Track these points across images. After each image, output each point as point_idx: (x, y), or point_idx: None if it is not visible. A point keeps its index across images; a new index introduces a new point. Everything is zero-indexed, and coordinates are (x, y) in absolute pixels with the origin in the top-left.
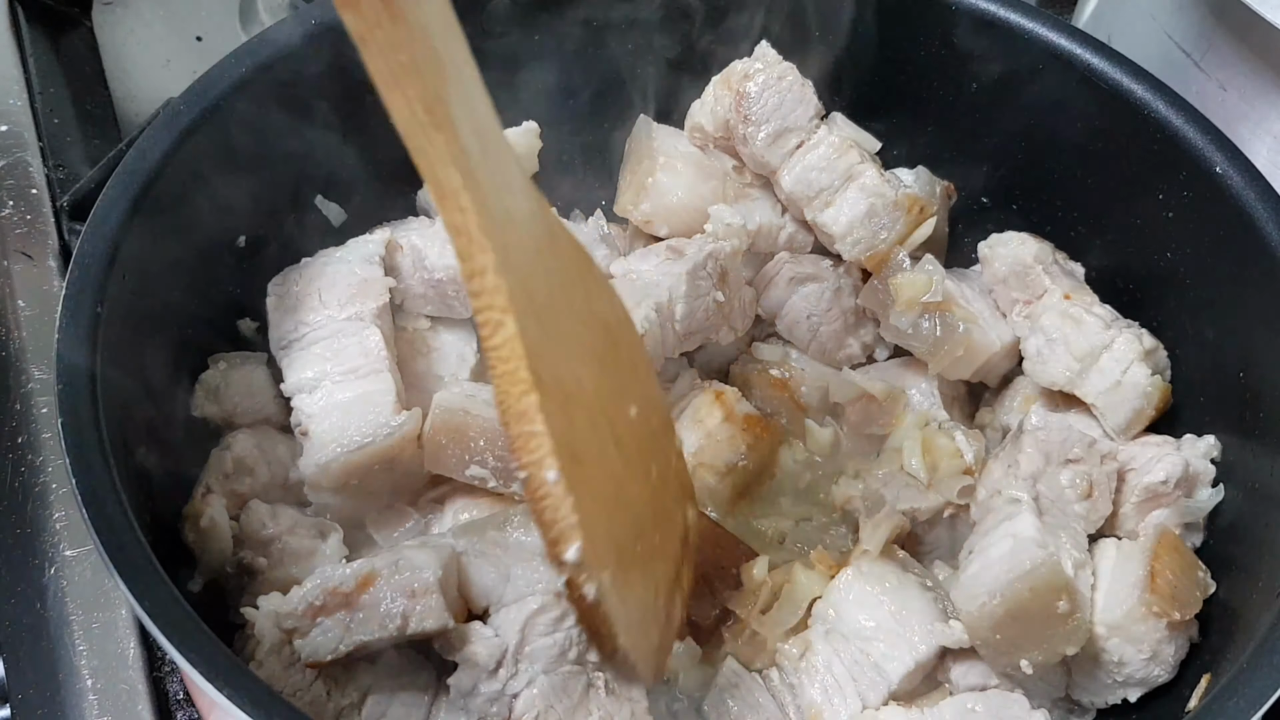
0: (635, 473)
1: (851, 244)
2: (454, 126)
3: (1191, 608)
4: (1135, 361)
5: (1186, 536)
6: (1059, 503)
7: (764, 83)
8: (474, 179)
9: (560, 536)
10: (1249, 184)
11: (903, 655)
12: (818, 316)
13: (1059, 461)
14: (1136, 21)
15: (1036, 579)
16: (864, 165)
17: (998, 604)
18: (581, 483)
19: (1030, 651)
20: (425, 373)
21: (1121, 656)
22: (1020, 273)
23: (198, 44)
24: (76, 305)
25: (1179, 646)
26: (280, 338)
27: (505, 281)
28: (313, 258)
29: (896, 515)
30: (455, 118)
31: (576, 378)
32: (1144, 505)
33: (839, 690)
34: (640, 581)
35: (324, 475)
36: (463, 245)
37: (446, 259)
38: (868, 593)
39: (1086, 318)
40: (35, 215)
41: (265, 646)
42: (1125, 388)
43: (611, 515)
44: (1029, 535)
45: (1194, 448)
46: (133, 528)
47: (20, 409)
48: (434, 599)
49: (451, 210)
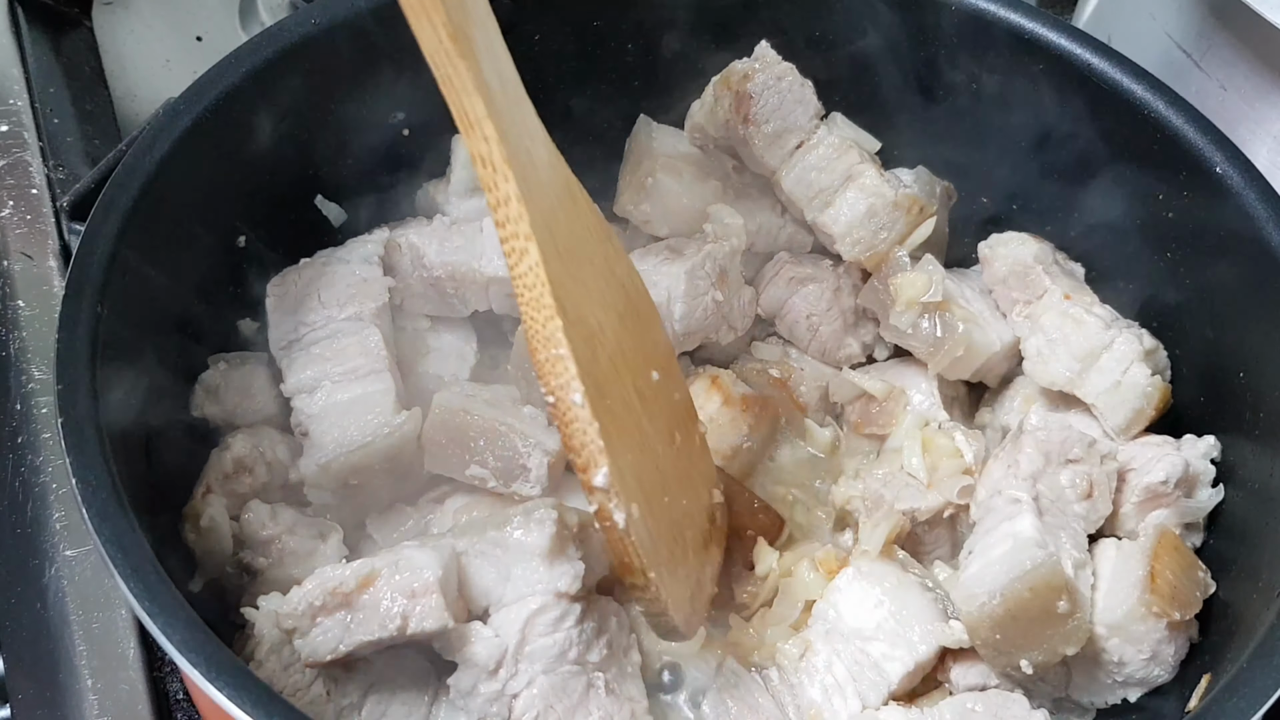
0: (659, 431)
1: (851, 244)
2: (477, 59)
3: (1192, 608)
4: (1135, 361)
5: (1186, 537)
6: (1059, 503)
7: (764, 83)
8: (496, 111)
9: (589, 461)
10: (1249, 184)
11: (903, 655)
12: (817, 316)
13: (1059, 461)
14: (1136, 21)
15: (1036, 579)
16: (863, 165)
17: (997, 604)
18: (606, 414)
19: (1030, 651)
20: (425, 373)
21: (1121, 656)
22: (1020, 273)
23: (198, 44)
24: (76, 305)
25: (1179, 646)
26: (279, 338)
27: (527, 210)
28: (311, 258)
29: (896, 515)
30: (478, 52)
31: (598, 321)
32: (1144, 505)
33: (839, 690)
34: (669, 534)
35: (324, 475)
36: (487, 176)
37: (445, 257)
38: (868, 592)
39: (1087, 318)
40: (35, 215)
41: (265, 646)
42: (1125, 388)
43: (637, 459)
44: (1029, 535)
45: (1194, 448)
46: (133, 528)
47: (20, 409)
48: (434, 599)
49: (476, 140)
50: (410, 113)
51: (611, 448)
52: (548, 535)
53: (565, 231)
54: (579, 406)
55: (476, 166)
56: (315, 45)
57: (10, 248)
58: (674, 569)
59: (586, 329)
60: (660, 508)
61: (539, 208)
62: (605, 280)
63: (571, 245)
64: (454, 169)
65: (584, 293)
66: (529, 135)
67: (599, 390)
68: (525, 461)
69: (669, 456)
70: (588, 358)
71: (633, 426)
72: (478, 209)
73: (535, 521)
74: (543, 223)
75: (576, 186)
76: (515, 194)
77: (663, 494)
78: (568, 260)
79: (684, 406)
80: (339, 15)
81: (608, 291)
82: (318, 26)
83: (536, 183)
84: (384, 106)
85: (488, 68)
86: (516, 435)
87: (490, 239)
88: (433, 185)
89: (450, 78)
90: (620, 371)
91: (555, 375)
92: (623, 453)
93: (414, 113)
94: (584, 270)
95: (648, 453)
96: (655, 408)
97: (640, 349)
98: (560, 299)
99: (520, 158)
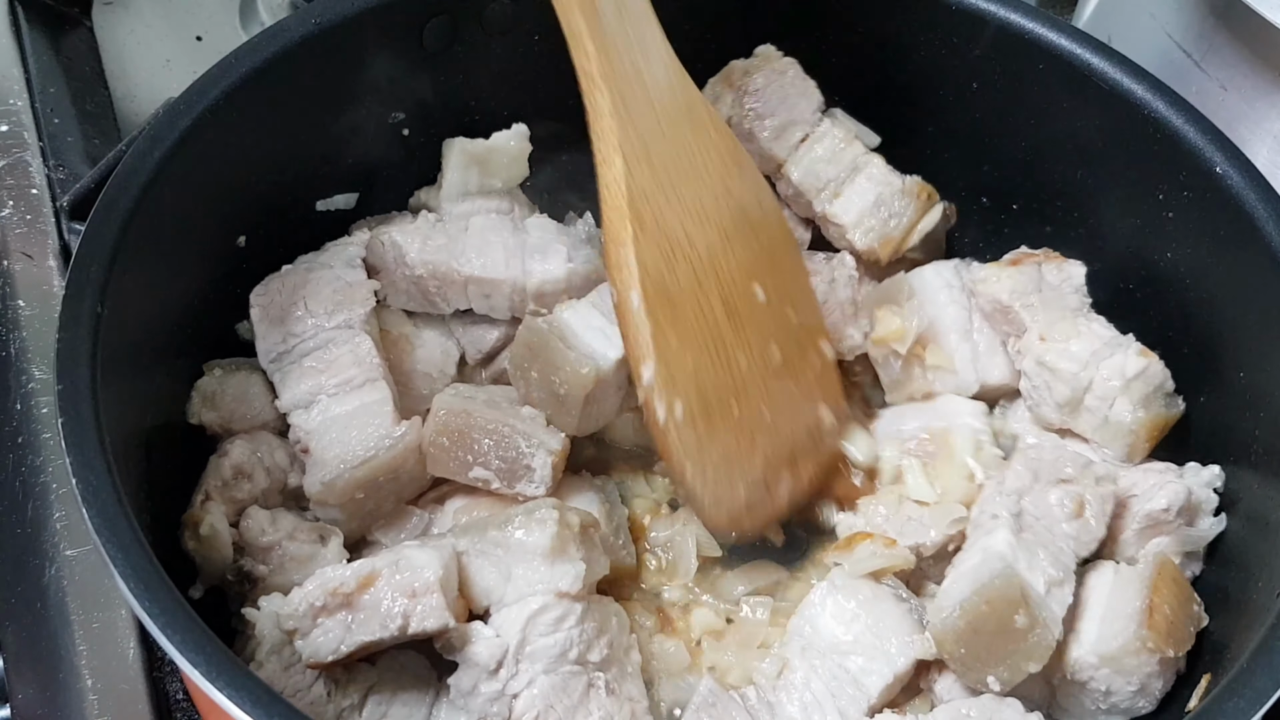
0: (747, 344)
1: (864, 233)
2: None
3: (1185, 644)
4: (1118, 397)
5: (1186, 565)
6: (1045, 520)
7: (768, 76)
8: (603, 29)
9: (638, 356)
10: (1249, 184)
11: (881, 668)
12: None
13: (1049, 480)
14: (1136, 21)
15: (993, 592)
16: (869, 155)
17: (958, 617)
18: (669, 320)
19: (995, 667)
20: (411, 371)
21: (1110, 687)
22: (1002, 310)
23: (198, 44)
24: (76, 305)
25: (1166, 681)
26: (268, 350)
27: (618, 125)
28: (294, 264)
29: (903, 554)
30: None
31: (687, 234)
32: (1145, 532)
33: (818, 707)
34: (728, 437)
35: (330, 493)
36: (586, 86)
37: (426, 255)
38: (843, 606)
39: (1061, 364)
40: (35, 215)
41: (265, 648)
42: (1113, 424)
43: (703, 363)
44: (997, 550)
45: (1198, 476)
46: (134, 527)
47: (20, 409)
48: (435, 598)
49: (579, 54)
50: (410, 113)
51: (664, 349)
52: (549, 535)
53: (670, 149)
54: (635, 309)
55: (579, 76)
56: (315, 45)
57: (10, 248)
58: (729, 470)
59: (667, 239)
60: (723, 412)
61: (638, 123)
62: (716, 198)
63: (674, 161)
64: (445, 172)
65: (677, 206)
66: (643, 55)
67: (665, 296)
68: (529, 462)
69: (754, 368)
70: (660, 265)
71: (705, 334)
72: (468, 213)
73: (536, 521)
74: (638, 137)
75: (703, 110)
76: (609, 109)
77: (732, 400)
78: (663, 174)
79: (802, 328)
80: (339, 15)
81: (715, 208)
82: (318, 26)
83: (642, 100)
84: (384, 107)
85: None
86: (520, 436)
87: (472, 238)
88: (425, 191)
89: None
90: (705, 282)
91: (620, 275)
92: (681, 355)
93: (413, 113)
94: (686, 186)
95: (721, 361)
96: (747, 321)
97: (745, 266)
98: (637, 208)
99: (623, 74)
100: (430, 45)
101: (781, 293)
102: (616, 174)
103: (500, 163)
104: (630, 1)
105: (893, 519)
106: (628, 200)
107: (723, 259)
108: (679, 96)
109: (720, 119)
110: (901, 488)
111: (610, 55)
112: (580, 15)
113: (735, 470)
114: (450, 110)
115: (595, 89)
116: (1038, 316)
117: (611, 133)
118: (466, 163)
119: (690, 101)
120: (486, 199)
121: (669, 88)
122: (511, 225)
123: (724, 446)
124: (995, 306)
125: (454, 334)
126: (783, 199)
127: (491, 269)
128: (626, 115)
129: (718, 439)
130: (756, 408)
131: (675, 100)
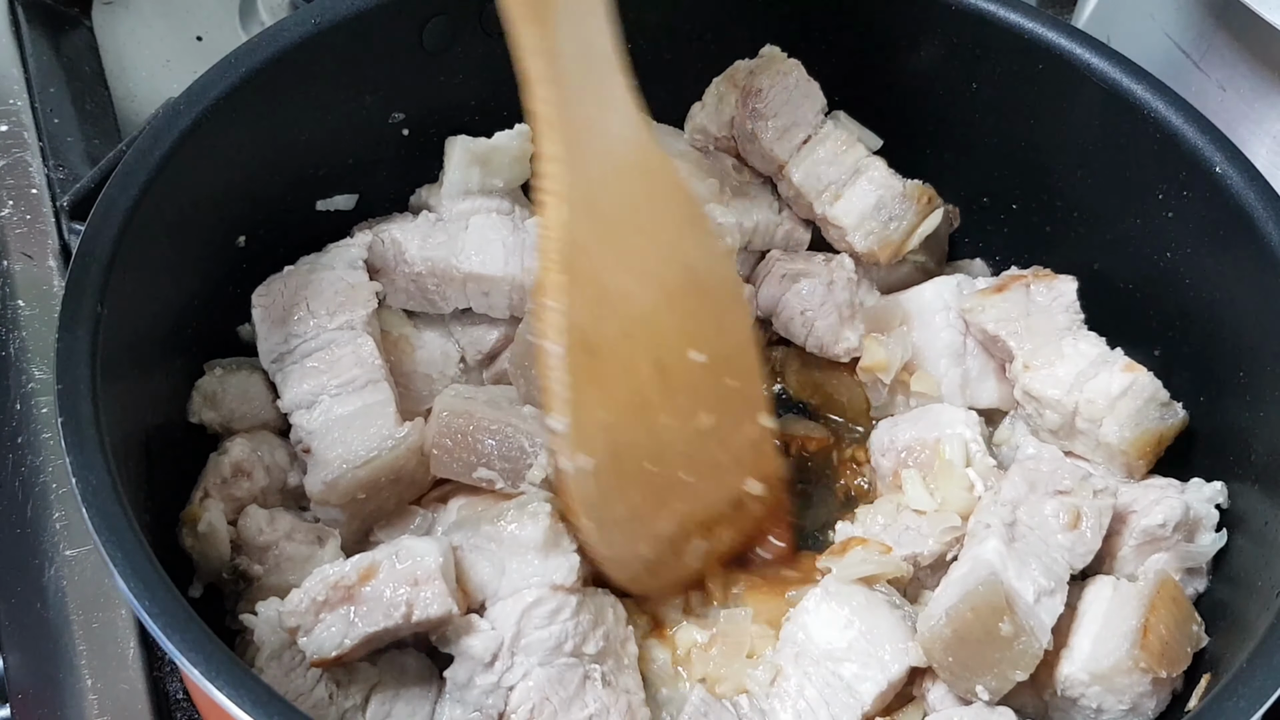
0: (675, 407)
1: (864, 235)
2: (553, 27)
3: (1180, 664)
4: (1105, 418)
5: (1188, 582)
6: (1040, 531)
7: (772, 77)
8: (559, 77)
9: (550, 406)
10: (1249, 184)
11: (875, 675)
12: (812, 311)
13: (1046, 491)
14: (1136, 21)
15: (978, 600)
16: (871, 158)
17: (944, 625)
18: (589, 374)
19: (983, 675)
20: (411, 372)
21: (1101, 704)
22: (991, 338)
23: (198, 44)
24: (76, 305)
25: (1160, 700)
26: (270, 350)
27: (563, 171)
28: (295, 265)
29: (896, 561)
30: (558, 21)
31: (625, 291)
32: (1143, 548)
33: (811, 714)
34: (637, 496)
35: (332, 492)
36: (536, 128)
37: (426, 253)
38: (836, 613)
39: (1048, 391)
40: (35, 215)
41: (265, 653)
42: (1105, 445)
43: (621, 421)
44: (986, 558)
45: (1199, 492)
46: (133, 527)
47: (20, 409)
48: (438, 585)
49: (533, 98)
50: (410, 113)
51: (581, 403)
52: (542, 528)
53: (618, 203)
54: (555, 356)
55: (528, 119)
56: (315, 45)
57: (10, 248)
58: (633, 529)
59: (601, 292)
60: (635, 471)
61: (587, 173)
62: (662, 257)
63: (621, 216)
64: (447, 170)
65: (618, 262)
66: (602, 106)
67: (589, 349)
68: (533, 460)
69: (681, 432)
70: (587, 319)
71: (628, 392)
72: (469, 212)
73: (529, 515)
74: (586, 187)
75: (662, 168)
76: (555, 154)
77: (650, 462)
78: (606, 227)
79: (740, 397)
80: (339, 15)
81: (661, 267)
82: (318, 26)
83: (594, 150)
84: (383, 107)
85: (565, 35)
86: (523, 435)
87: (472, 236)
88: (426, 189)
89: (518, 37)
90: (636, 340)
91: (541, 321)
92: (597, 412)
93: (413, 113)
94: (631, 241)
95: (643, 422)
96: (679, 384)
97: (685, 329)
98: (571, 258)
99: (578, 123)
100: (430, 45)
101: (723, 359)
102: (555, 219)
103: (502, 162)
104: (595, 51)
105: (890, 528)
106: (562, 247)
107: (662, 319)
108: (636, 152)
109: (682, 179)
110: (900, 497)
111: (565, 102)
112: (539, 58)
113: (639, 529)
114: (450, 110)
115: (544, 133)
116: (1024, 344)
117: (556, 178)
118: (469, 161)
119: (648, 158)
120: (487, 198)
121: (625, 141)
122: (511, 224)
123: (630, 505)
124: (986, 336)
125: (454, 335)
126: (783, 200)
127: (490, 266)
128: (574, 163)
129: (625, 496)
130: (674, 471)
131: (631, 155)
